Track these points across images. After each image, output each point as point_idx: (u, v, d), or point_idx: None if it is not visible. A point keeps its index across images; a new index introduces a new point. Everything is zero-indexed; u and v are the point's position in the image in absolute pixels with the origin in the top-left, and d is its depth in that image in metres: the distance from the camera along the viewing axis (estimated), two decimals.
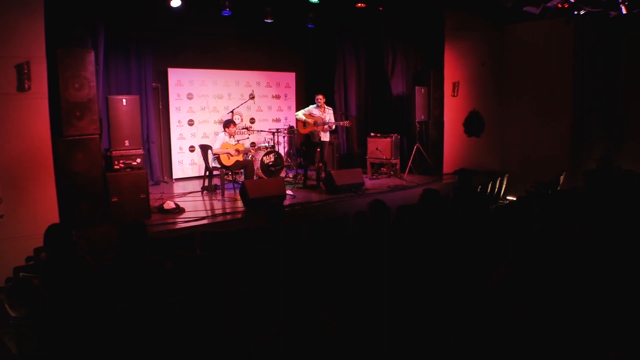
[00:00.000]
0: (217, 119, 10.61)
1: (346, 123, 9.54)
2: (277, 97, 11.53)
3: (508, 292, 2.95)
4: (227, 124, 8.67)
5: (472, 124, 10.71)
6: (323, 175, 9.29)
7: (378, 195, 8.29)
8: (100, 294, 3.40)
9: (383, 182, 9.65)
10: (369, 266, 3.69)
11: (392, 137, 10.15)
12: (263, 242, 4.72)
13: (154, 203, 7.42)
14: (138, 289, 3.51)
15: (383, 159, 10.15)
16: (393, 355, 2.11)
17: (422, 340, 2.26)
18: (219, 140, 8.58)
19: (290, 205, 7.44)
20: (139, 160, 6.84)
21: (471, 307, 3.02)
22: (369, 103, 11.70)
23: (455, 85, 10.49)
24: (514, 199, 9.10)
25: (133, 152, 6.83)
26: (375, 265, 3.67)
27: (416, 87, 10.38)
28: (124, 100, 6.93)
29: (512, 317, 2.49)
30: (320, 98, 9.53)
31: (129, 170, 6.75)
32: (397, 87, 11.06)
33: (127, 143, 6.85)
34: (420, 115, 10.44)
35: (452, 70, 10.43)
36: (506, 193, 8.97)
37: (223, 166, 8.52)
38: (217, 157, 8.50)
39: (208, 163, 8.68)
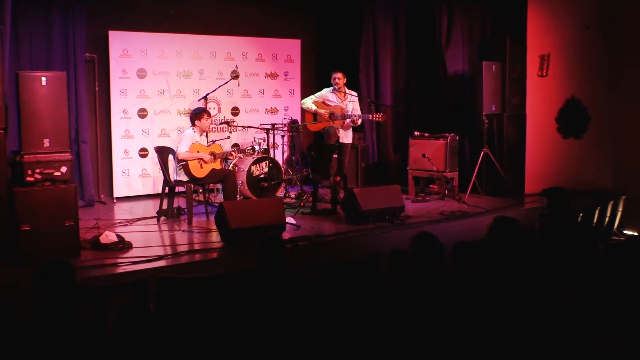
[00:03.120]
0: (182, 109, 10.73)
1: (378, 117, 9.59)
2: (274, 76, 11.63)
3: None
4: (198, 116, 8.76)
5: (569, 119, 10.71)
6: (342, 195, 9.31)
7: (425, 226, 8.28)
8: None
9: (433, 205, 9.65)
10: (411, 336, 3.68)
11: (446, 138, 10.19)
12: (251, 295, 4.73)
13: (85, 234, 7.44)
14: None
15: (433, 171, 10.17)
16: None
17: None
18: (185, 140, 8.66)
19: (292, 239, 7.45)
20: (64, 169, 6.90)
21: None
22: (411, 87, 11.75)
23: (543, 60, 10.52)
24: (635, 234, 9.05)
25: (56, 156, 6.88)
26: (422, 335, 3.67)
27: (484, 63, 10.42)
28: (43, 78, 7.00)
29: None
30: (338, 78, 9.60)
31: (48, 184, 6.79)
32: (455, 62, 11.13)
33: (46, 143, 6.91)
34: (489, 106, 10.46)
35: (539, 37, 10.48)
36: (623, 225, 8.90)
37: (191, 179, 8.59)
38: (182, 166, 8.57)
39: (168, 174, 8.76)
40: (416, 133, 10.59)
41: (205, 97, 10.04)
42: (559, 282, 4.57)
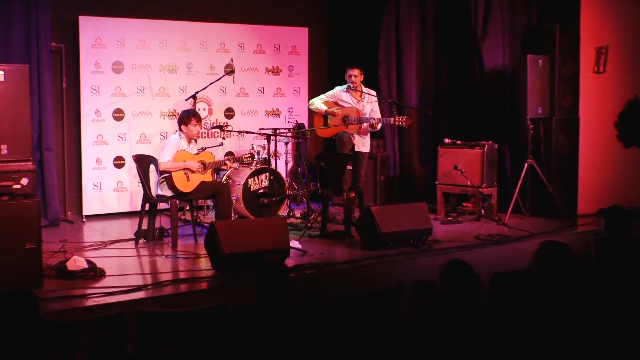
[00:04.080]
0: (166, 110, 10.80)
1: (401, 120, 9.61)
2: (276, 71, 11.70)
3: None
4: (186, 119, 8.76)
5: (632, 124, 10.67)
6: (357, 214, 9.32)
7: (457, 252, 8.27)
8: None
9: (467, 228, 9.66)
10: None
11: (483, 146, 10.20)
12: (248, 334, 4.74)
13: (50, 259, 7.48)
14: None
15: (467, 186, 10.17)
16: None
17: None
18: (169, 148, 8.67)
19: (297, 267, 7.46)
20: (25, 181, 6.93)
21: None
22: (441, 85, 11.79)
23: (600, 53, 10.53)
24: None
25: (15, 166, 6.91)
26: None
27: (528, 57, 10.44)
28: (1, 73, 7.05)
29: None
30: (354, 75, 9.65)
31: (6, 198, 6.81)
32: (494, 56, 11.15)
33: (4, 150, 6.95)
34: (535, 108, 10.46)
35: (596, 25, 10.50)
36: None
37: (176, 194, 8.62)
38: (165, 178, 8.60)
39: (149, 188, 8.78)
40: (447, 140, 10.60)
41: (193, 96, 10.10)
42: (619, 320, 4.56)
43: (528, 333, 4.43)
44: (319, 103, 9.78)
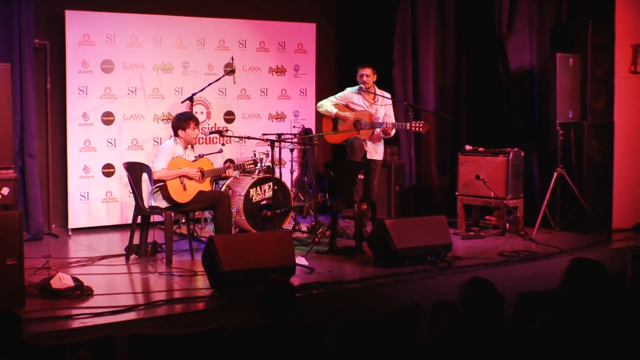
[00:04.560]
0: (160, 113, 10.85)
1: (418, 125, 9.61)
2: (281, 71, 11.73)
3: None
4: (183, 123, 8.77)
5: None
6: (369, 227, 9.32)
7: (480, 270, 8.27)
8: None
9: (490, 243, 9.64)
10: None
11: (508, 154, 10.19)
12: (250, 358, 4.73)
13: (32, 276, 7.49)
14: None
15: (490, 197, 10.16)
16: None
17: None
18: (163, 154, 8.67)
19: (303, 286, 7.46)
20: (5, 190, 6.94)
21: None
22: (461, 86, 11.80)
23: (637, 51, 10.51)
24: None
25: None
26: None
27: (558, 56, 10.44)
28: None
29: None
30: (366, 75, 9.67)
31: None
32: (520, 54, 11.17)
33: None
34: (565, 111, 10.46)
35: (632, 21, 10.50)
36: None
37: (172, 205, 8.63)
38: (159, 187, 8.60)
39: (141, 199, 8.78)
40: (468, 147, 10.60)
41: (190, 98, 10.12)
42: None
43: (557, 359, 4.43)
44: (328, 106, 9.80)
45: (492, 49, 11.30)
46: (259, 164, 9.66)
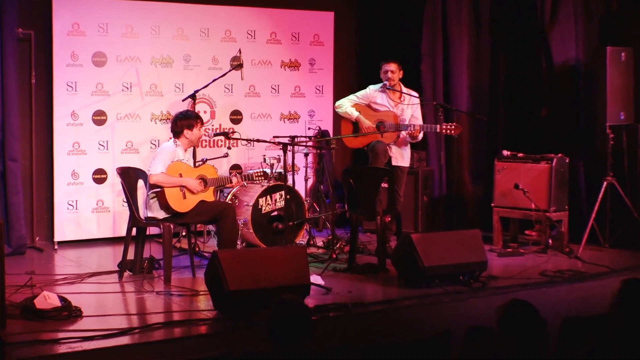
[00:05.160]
0: (159, 113, 10.88)
1: (449, 128, 9.60)
2: (294, 65, 11.75)
3: None
4: (186, 123, 8.76)
5: None
6: (393, 243, 9.31)
7: (519, 291, 8.24)
8: None
9: (530, 261, 9.62)
10: None
11: (551, 160, 10.17)
12: None
13: (14, 295, 7.49)
14: None
15: (531, 209, 10.13)
16: None
17: None
18: (162, 157, 8.63)
19: (319, 308, 7.45)
20: None
21: None
22: (498, 84, 11.79)
23: None
24: None
25: None
26: None
27: (608, 49, 10.42)
28: None
29: None
30: (391, 70, 9.66)
31: None
32: (565, 47, 11.16)
33: None
34: (616, 112, 10.43)
35: None
36: None
37: (170, 215, 8.63)
38: (156, 194, 8.59)
39: (137, 209, 8.78)
40: (506, 153, 10.58)
41: (192, 96, 10.13)
42: None
43: None
44: (347, 107, 9.79)
45: (532, 42, 11.30)
46: (268, 172, 9.62)
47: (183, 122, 8.75)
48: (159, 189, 8.55)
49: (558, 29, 11.09)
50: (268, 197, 9.71)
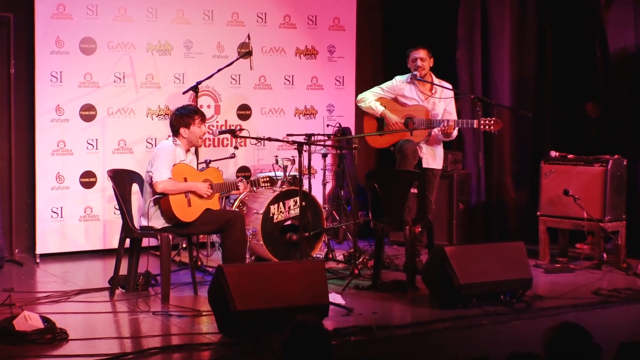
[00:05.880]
0: (155, 107, 10.94)
1: (489, 123, 9.60)
2: (311, 53, 11.79)
3: None
4: (186, 119, 8.75)
5: None
6: (424, 256, 9.32)
7: (569, 312, 8.25)
8: None
9: (582, 279, 9.62)
10: None
11: (605, 163, 10.16)
12: None
13: None
14: None
15: (582, 219, 10.13)
16: None
17: None
18: (165, 158, 8.59)
19: (339, 331, 7.46)
20: None
21: None
22: (546, 75, 11.81)
23: None
24: None
25: None
26: None
27: None
28: None
29: None
30: (421, 58, 9.70)
31: None
32: (622, 33, 11.16)
33: None
34: None
35: None
36: None
37: (172, 225, 8.65)
38: (155, 201, 8.61)
39: (130, 217, 8.80)
40: (554, 154, 10.59)
41: (194, 88, 10.14)
42: None
43: None
44: (371, 101, 9.82)
45: (585, 27, 11.31)
46: (280, 174, 9.64)
47: (179, 120, 8.72)
48: (162, 196, 8.54)
49: (615, 12, 11.10)
50: (281, 204, 9.74)
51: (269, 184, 9.31)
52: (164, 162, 8.54)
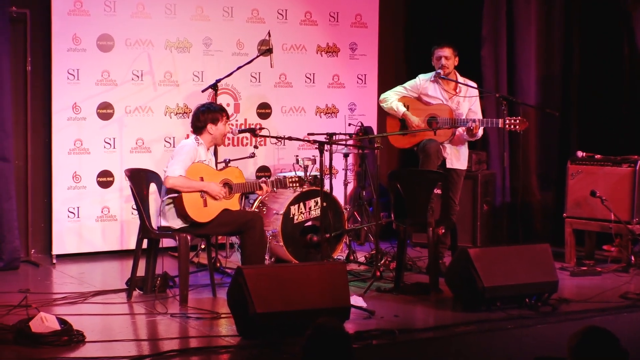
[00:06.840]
0: (174, 105, 10.94)
1: (514, 123, 9.58)
2: (332, 50, 11.78)
3: None
4: (210, 116, 8.74)
5: None
6: (447, 259, 9.30)
7: (596, 317, 8.22)
8: None
9: (609, 282, 9.59)
10: None
11: (634, 164, 10.11)
12: None
13: (6, 317, 7.55)
14: None
15: (610, 221, 10.09)
16: None
17: None
18: (183, 156, 8.59)
19: (361, 335, 7.46)
20: None
21: None
22: (573, 73, 11.77)
23: None
24: None
25: None
26: None
27: None
28: None
29: None
30: (445, 57, 9.69)
31: None
32: None
33: None
34: None
35: None
36: None
37: (188, 225, 8.67)
38: (172, 200, 8.59)
39: (148, 217, 8.81)
40: (580, 154, 10.55)
41: (213, 86, 10.16)
42: None
43: None
44: (393, 101, 9.81)
45: (613, 24, 11.26)
46: (301, 174, 9.60)
47: (207, 116, 8.70)
48: (175, 194, 8.53)
49: None
50: (301, 204, 9.74)
51: (297, 184, 9.23)
52: (179, 160, 8.55)
